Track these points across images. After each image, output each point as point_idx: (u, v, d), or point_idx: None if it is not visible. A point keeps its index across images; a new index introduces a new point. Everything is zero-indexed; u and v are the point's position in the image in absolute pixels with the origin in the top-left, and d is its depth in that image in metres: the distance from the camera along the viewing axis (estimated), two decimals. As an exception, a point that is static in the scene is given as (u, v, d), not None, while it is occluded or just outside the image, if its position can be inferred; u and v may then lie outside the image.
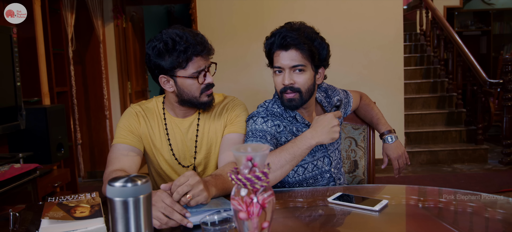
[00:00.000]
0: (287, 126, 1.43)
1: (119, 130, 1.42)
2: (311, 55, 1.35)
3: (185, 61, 1.31)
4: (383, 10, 4.15)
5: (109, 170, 1.31)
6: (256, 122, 1.41)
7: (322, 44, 1.38)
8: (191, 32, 1.34)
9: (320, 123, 1.30)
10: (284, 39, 1.33)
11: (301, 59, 1.34)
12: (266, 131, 1.39)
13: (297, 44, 1.33)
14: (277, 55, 1.37)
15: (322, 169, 1.47)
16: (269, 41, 1.39)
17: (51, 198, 1.22)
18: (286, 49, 1.34)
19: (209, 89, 1.39)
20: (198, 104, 1.39)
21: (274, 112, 1.44)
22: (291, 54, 1.34)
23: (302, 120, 1.45)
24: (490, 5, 7.25)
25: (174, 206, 1.06)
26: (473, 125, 4.70)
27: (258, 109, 1.46)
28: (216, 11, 4.18)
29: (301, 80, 1.36)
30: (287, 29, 1.36)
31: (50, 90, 3.08)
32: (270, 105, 1.46)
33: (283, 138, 1.42)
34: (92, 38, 4.28)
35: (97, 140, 4.43)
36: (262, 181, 0.75)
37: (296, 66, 1.34)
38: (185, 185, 1.08)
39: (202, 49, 1.32)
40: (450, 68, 5.12)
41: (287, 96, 1.37)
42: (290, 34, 1.33)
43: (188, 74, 1.33)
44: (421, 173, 4.15)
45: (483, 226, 1.09)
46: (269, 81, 5.01)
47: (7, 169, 2.08)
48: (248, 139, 1.39)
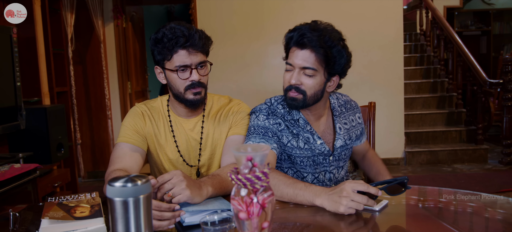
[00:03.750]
0: (289, 126, 1.41)
1: (124, 129, 1.42)
2: (326, 60, 1.29)
3: (170, 53, 1.31)
4: (383, 10, 4.15)
5: (111, 169, 1.31)
6: (259, 117, 1.39)
7: (341, 53, 1.30)
8: (186, 27, 1.32)
9: (335, 188, 1.12)
10: (302, 37, 1.28)
11: (313, 62, 1.29)
12: (268, 128, 1.37)
13: (313, 46, 1.27)
14: (292, 52, 1.33)
15: (324, 183, 1.46)
16: (289, 35, 1.34)
17: (51, 198, 1.22)
18: (301, 48, 1.30)
19: (196, 87, 1.35)
20: (184, 101, 1.37)
21: (277, 112, 1.41)
22: (305, 55, 1.29)
23: (305, 125, 1.41)
24: (490, 5, 7.24)
25: (161, 207, 1.03)
26: (473, 125, 4.70)
27: (262, 105, 1.44)
28: (216, 11, 4.18)
29: (309, 83, 1.32)
30: (308, 27, 1.30)
31: (50, 90, 3.08)
32: (275, 104, 1.43)
33: (284, 137, 1.41)
34: (93, 38, 4.28)
35: (98, 140, 4.43)
36: (262, 181, 0.75)
37: (306, 68, 1.30)
38: (168, 183, 1.07)
39: (185, 41, 1.29)
40: (450, 68, 5.12)
41: (290, 95, 1.35)
42: (309, 34, 1.27)
43: (172, 67, 1.33)
44: (421, 173, 4.15)
45: (483, 226, 1.08)
46: (269, 81, 5.02)
47: (7, 169, 2.07)
48: (250, 134, 1.37)
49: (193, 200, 1.10)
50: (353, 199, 1.07)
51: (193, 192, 1.09)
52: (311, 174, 1.45)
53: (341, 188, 1.09)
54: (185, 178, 1.09)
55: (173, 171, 1.10)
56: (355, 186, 1.08)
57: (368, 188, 1.08)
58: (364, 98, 1.90)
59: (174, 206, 1.05)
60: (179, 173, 1.09)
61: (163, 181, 1.08)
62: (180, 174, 1.09)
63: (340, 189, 1.10)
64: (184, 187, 1.07)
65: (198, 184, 1.13)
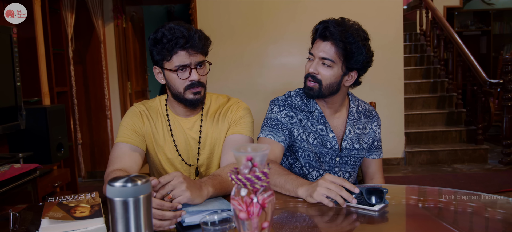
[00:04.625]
0: (303, 119, 1.46)
1: (122, 129, 1.42)
2: (345, 54, 1.36)
3: (169, 54, 1.31)
4: (383, 10, 4.15)
5: (110, 170, 1.31)
6: (273, 110, 1.49)
7: (361, 50, 1.36)
8: (186, 27, 1.32)
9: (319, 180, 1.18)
10: (325, 30, 1.36)
11: (333, 54, 1.36)
12: (279, 120, 1.46)
13: (334, 39, 1.34)
14: (316, 43, 1.41)
15: None
16: (316, 27, 1.42)
17: (51, 198, 1.22)
18: (323, 39, 1.37)
19: (195, 87, 1.35)
20: (184, 101, 1.38)
21: (293, 104, 1.49)
22: (326, 46, 1.37)
23: (319, 117, 1.46)
24: (490, 5, 7.24)
25: (163, 206, 1.03)
26: (473, 125, 4.70)
27: (281, 96, 1.52)
28: (215, 11, 4.18)
29: (325, 74, 1.38)
30: (334, 22, 1.38)
31: (50, 90, 3.08)
32: (294, 95, 1.51)
33: (295, 130, 1.46)
34: (93, 38, 4.28)
35: (98, 140, 4.43)
36: (262, 181, 0.75)
37: (325, 58, 1.37)
38: (168, 184, 1.07)
39: (185, 42, 1.29)
40: (450, 68, 5.12)
41: (307, 84, 1.42)
42: (332, 28, 1.35)
43: (172, 68, 1.33)
44: (421, 173, 4.15)
45: (483, 226, 1.08)
46: (269, 81, 5.02)
47: (7, 169, 2.07)
48: (264, 126, 1.48)
49: (193, 201, 1.10)
50: (327, 187, 1.13)
51: (194, 193, 1.09)
52: (316, 170, 1.47)
53: (319, 179, 1.17)
54: (185, 179, 1.09)
55: (173, 173, 1.10)
56: (332, 178, 1.15)
57: (343, 182, 1.14)
58: (364, 98, 1.90)
59: (176, 205, 1.05)
60: (179, 175, 1.09)
61: (163, 182, 1.08)
62: (180, 176, 1.09)
63: (320, 180, 1.16)
64: (184, 189, 1.07)
65: (198, 185, 1.13)
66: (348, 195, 1.13)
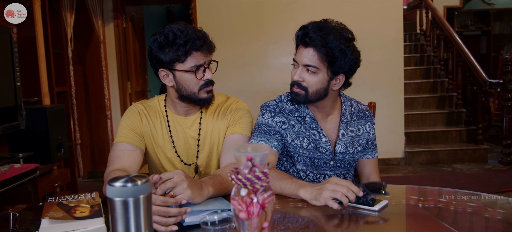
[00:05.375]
0: (295, 124, 1.43)
1: (121, 129, 1.42)
2: (328, 59, 1.31)
3: (184, 55, 1.31)
4: (383, 10, 4.15)
5: (110, 170, 1.31)
6: (264, 115, 1.45)
7: (344, 53, 1.30)
8: (193, 28, 1.34)
9: (321, 184, 1.17)
10: (305, 35, 1.32)
11: (316, 60, 1.32)
12: (270, 126, 1.42)
13: (315, 45, 1.30)
14: (299, 49, 1.38)
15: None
16: (297, 33, 1.38)
17: (51, 198, 1.22)
18: (305, 46, 1.34)
19: (208, 86, 1.38)
20: (197, 101, 1.39)
21: (284, 109, 1.45)
22: (308, 53, 1.33)
23: (311, 122, 1.43)
24: (490, 5, 7.25)
25: (167, 202, 1.03)
26: (473, 125, 4.70)
27: (272, 101, 1.48)
28: (215, 11, 4.18)
29: (311, 80, 1.35)
30: (315, 26, 1.33)
31: (50, 90, 3.08)
32: (285, 100, 1.48)
33: (288, 136, 1.43)
34: (92, 38, 4.28)
35: (98, 140, 4.43)
36: (262, 181, 0.75)
37: (308, 65, 1.33)
38: (170, 181, 1.07)
39: (202, 44, 1.32)
40: (450, 68, 5.12)
41: (293, 90, 1.39)
42: (312, 34, 1.30)
43: (187, 69, 1.33)
44: (421, 173, 4.15)
45: (483, 226, 1.08)
46: (269, 81, 5.02)
47: (7, 169, 2.07)
48: (254, 132, 1.44)
49: (193, 200, 1.09)
50: (334, 189, 1.12)
51: (194, 192, 1.09)
52: (313, 173, 1.46)
53: (324, 182, 1.16)
54: (187, 178, 1.09)
55: (174, 170, 1.10)
56: (338, 180, 1.15)
57: (349, 185, 1.14)
58: (364, 98, 1.90)
59: (181, 200, 1.05)
60: (181, 173, 1.09)
61: (164, 178, 1.08)
62: (181, 174, 1.09)
63: (322, 184, 1.16)
64: (185, 187, 1.07)
65: (199, 184, 1.13)
66: (353, 195, 1.13)
